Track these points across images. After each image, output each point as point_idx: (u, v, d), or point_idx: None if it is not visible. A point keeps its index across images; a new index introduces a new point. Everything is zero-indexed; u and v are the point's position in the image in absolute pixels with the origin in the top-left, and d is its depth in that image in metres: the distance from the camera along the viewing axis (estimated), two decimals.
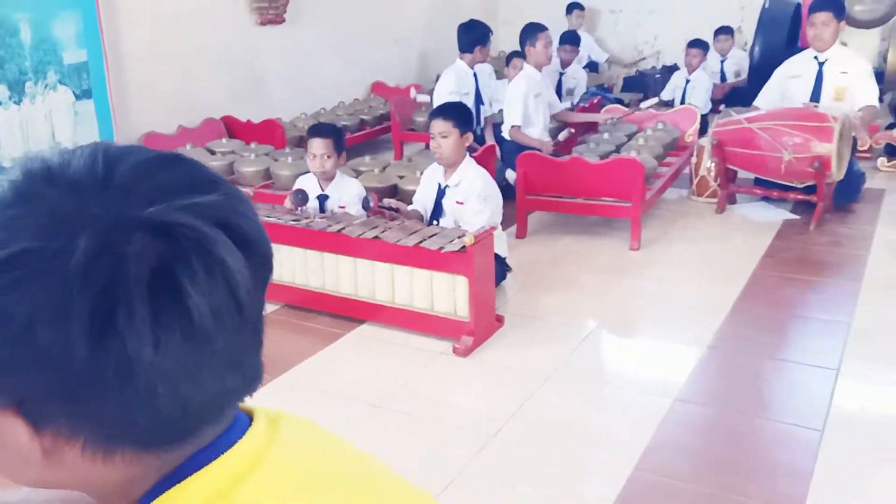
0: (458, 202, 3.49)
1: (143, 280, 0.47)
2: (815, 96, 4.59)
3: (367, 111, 6.41)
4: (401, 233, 3.20)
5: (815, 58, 4.62)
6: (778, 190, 4.51)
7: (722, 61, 7.24)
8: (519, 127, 4.86)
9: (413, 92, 6.34)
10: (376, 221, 3.36)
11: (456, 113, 3.54)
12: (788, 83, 4.72)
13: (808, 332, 3.20)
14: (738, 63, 7.20)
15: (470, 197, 3.44)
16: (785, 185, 4.44)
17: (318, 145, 3.53)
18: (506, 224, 4.10)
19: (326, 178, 3.60)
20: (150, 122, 4.98)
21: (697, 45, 6.59)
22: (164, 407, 0.50)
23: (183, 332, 0.49)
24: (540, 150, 4.75)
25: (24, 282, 0.47)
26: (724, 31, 7.27)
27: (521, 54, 5.59)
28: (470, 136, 3.55)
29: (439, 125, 3.48)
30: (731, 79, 7.16)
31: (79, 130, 4.56)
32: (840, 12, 4.54)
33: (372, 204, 3.45)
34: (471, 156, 4.12)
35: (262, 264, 0.55)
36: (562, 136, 4.80)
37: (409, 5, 7.37)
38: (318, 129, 3.64)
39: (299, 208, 3.53)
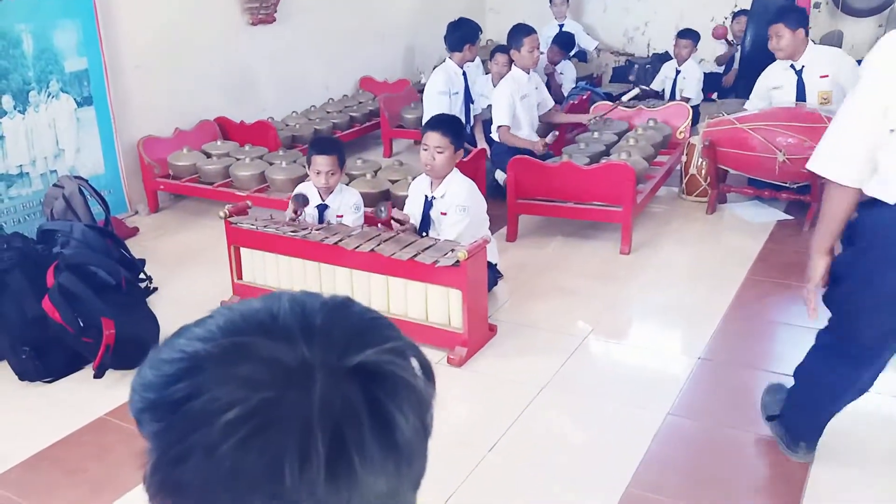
0: (443, 213, 3.53)
1: (367, 418, 0.55)
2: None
3: (356, 108, 6.40)
4: (395, 246, 3.23)
5: (792, 66, 4.59)
6: (770, 189, 4.54)
7: (736, 44, 6.95)
8: (508, 128, 4.87)
9: None
10: (372, 233, 3.39)
11: (452, 129, 3.56)
12: (772, 94, 4.71)
13: (801, 342, 3.19)
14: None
15: (450, 208, 3.49)
16: (777, 184, 4.48)
17: (323, 162, 3.55)
18: (496, 226, 4.14)
19: (328, 190, 3.63)
20: (148, 125, 4.99)
21: (687, 35, 6.40)
22: None
23: (395, 459, 0.57)
24: (531, 151, 4.79)
25: (269, 429, 0.53)
26: (745, 13, 6.83)
27: (504, 49, 5.59)
28: (461, 152, 3.58)
29: (436, 139, 3.49)
30: (737, 64, 6.88)
31: (81, 137, 4.60)
32: (792, 22, 4.50)
33: (385, 214, 3.45)
34: (462, 159, 4.15)
35: (433, 384, 0.63)
36: (549, 138, 4.82)
37: None
38: (323, 146, 3.64)
39: (300, 210, 3.56)
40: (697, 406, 2.79)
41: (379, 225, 3.61)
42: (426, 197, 3.60)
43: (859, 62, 4.48)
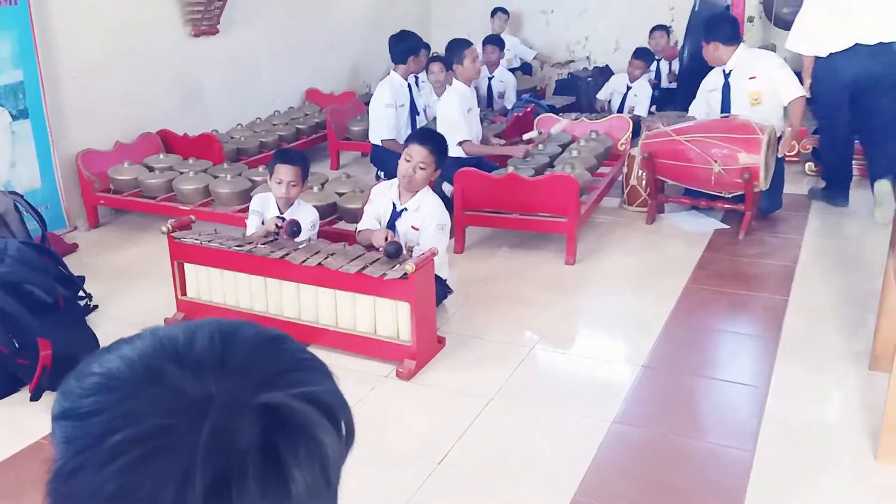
0: (413, 227, 3.53)
1: (257, 460, 0.54)
2: (725, 106, 4.73)
3: (302, 120, 6.38)
4: (343, 259, 3.23)
5: (722, 70, 4.77)
6: (706, 199, 4.67)
7: (658, 60, 7.18)
8: (470, 141, 4.88)
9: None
10: (318, 247, 3.38)
11: (440, 148, 3.59)
12: (709, 97, 4.88)
13: (739, 348, 3.33)
14: (674, 62, 7.13)
15: (429, 225, 3.49)
16: (713, 194, 4.61)
17: (286, 172, 3.52)
18: None
19: (287, 203, 3.60)
20: (87, 139, 4.87)
21: (642, 56, 6.57)
22: None
23: None
24: (478, 162, 4.83)
25: (154, 455, 0.53)
26: (660, 27, 7.23)
27: (439, 58, 5.66)
28: (439, 171, 3.61)
29: (422, 154, 3.50)
30: (665, 78, 7.16)
31: (16, 151, 4.48)
32: (705, 35, 4.75)
33: (402, 249, 3.25)
34: None
35: (348, 441, 0.62)
36: (527, 136, 4.87)
37: (342, 11, 7.34)
38: (288, 157, 3.61)
39: (291, 239, 3.46)
40: (641, 414, 2.85)
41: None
42: (394, 205, 3.60)
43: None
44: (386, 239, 3.35)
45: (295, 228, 3.46)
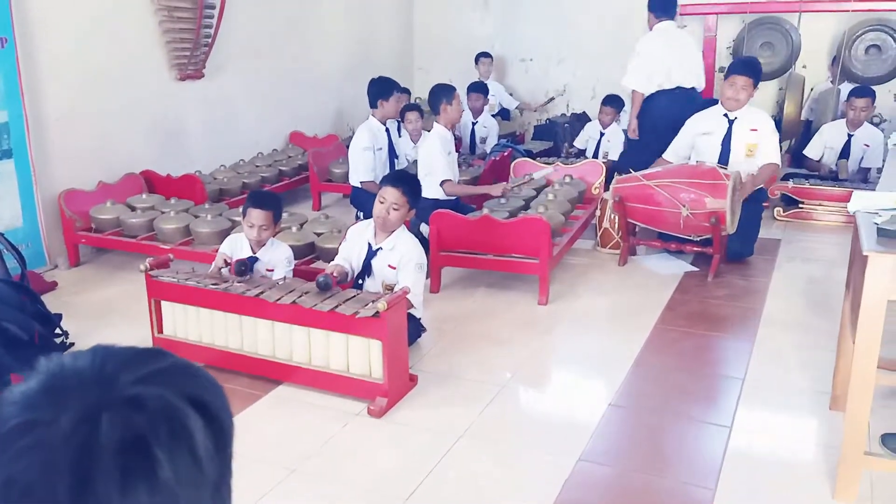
0: (390, 266, 3.60)
1: (117, 446, 0.59)
2: (725, 153, 4.82)
3: (285, 162, 6.48)
4: (317, 298, 3.29)
5: (726, 115, 4.85)
6: (676, 242, 4.78)
7: None
8: (450, 181, 4.99)
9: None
10: (293, 285, 3.44)
11: (412, 189, 3.66)
12: (698, 140, 4.95)
13: (705, 388, 3.39)
14: None
15: (408, 265, 3.56)
16: (683, 237, 4.72)
17: (258, 216, 3.59)
18: None
19: (259, 244, 3.67)
20: (71, 178, 4.95)
21: (611, 103, 6.75)
22: None
23: (150, 488, 0.60)
24: (455, 204, 4.93)
25: (28, 450, 0.59)
26: None
27: (414, 107, 5.81)
28: (413, 211, 3.68)
29: (395, 195, 3.57)
30: None
31: None
32: (758, 79, 4.82)
33: (330, 282, 3.33)
34: None
35: (220, 429, 0.67)
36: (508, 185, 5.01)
37: (326, 56, 7.51)
38: (261, 201, 3.66)
39: (246, 272, 3.52)
40: (607, 451, 2.89)
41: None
42: (370, 245, 3.68)
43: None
44: (332, 275, 3.42)
45: (242, 268, 3.49)
